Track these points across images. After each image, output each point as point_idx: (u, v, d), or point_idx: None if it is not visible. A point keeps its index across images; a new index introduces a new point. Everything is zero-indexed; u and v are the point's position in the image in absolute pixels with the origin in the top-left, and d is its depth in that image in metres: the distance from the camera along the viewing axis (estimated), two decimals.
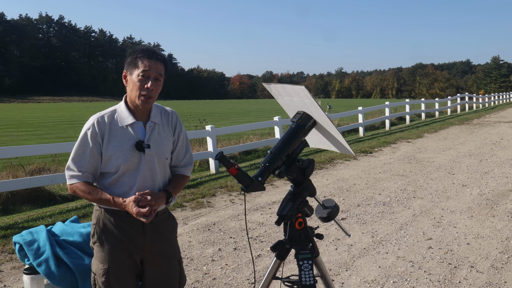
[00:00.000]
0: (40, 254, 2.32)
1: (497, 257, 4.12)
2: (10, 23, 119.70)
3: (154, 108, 2.16)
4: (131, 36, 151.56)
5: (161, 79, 2.07)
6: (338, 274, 3.82)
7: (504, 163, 8.98)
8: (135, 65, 2.04)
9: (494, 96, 39.11)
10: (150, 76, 2.02)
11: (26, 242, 2.37)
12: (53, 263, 2.28)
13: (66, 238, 2.45)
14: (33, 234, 2.43)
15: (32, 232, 2.44)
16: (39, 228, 2.50)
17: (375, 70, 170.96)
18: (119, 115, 2.09)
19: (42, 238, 2.39)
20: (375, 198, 6.43)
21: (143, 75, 2.02)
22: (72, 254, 2.35)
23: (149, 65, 2.01)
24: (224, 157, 1.81)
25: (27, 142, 15.22)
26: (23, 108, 58.33)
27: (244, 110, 42.40)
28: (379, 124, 17.78)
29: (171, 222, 2.23)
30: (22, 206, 6.34)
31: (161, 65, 2.06)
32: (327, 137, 2.05)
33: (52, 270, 2.27)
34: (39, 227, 2.50)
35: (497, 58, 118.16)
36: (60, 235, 2.47)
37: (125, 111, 2.10)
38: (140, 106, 2.07)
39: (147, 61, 2.02)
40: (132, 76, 2.05)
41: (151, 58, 2.03)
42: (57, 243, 2.38)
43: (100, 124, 2.06)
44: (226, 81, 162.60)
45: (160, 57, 2.07)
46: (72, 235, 2.46)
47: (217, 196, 6.73)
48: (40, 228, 2.48)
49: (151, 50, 2.08)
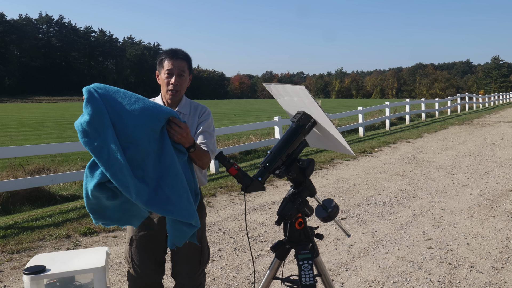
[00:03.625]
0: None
1: (497, 257, 4.12)
2: (10, 23, 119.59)
3: (185, 101, 2.43)
4: (131, 36, 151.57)
5: (184, 74, 2.35)
6: (338, 274, 3.82)
7: (504, 163, 8.98)
8: (161, 65, 2.35)
9: (494, 96, 39.11)
10: (173, 73, 2.32)
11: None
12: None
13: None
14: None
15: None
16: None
17: (375, 70, 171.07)
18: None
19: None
20: (375, 198, 6.43)
21: (168, 73, 2.32)
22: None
23: (172, 64, 2.31)
24: (224, 157, 1.81)
25: (27, 142, 15.21)
26: (23, 108, 58.32)
27: (244, 110, 42.38)
28: (379, 124, 17.78)
29: (198, 205, 2.34)
30: (22, 206, 6.34)
31: (183, 62, 2.34)
32: (327, 137, 2.04)
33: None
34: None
35: (497, 58, 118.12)
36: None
37: (160, 101, 2.42)
38: (169, 99, 2.37)
39: (169, 60, 2.32)
40: (161, 74, 2.37)
41: (173, 58, 2.32)
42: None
43: None
44: (226, 81, 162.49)
45: (182, 55, 2.35)
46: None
47: (217, 196, 6.73)
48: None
49: (174, 50, 2.36)
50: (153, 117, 2.00)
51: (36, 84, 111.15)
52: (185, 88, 2.39)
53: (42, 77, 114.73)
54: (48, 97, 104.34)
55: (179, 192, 2.02)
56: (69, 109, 50.04)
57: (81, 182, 7.50)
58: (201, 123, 2.40)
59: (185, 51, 2.40)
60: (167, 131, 2.04)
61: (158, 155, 2.02)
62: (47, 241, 4.77)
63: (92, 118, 1.94)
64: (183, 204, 2.03)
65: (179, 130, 2.04)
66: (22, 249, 4.52)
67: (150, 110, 2.01)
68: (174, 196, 2.01)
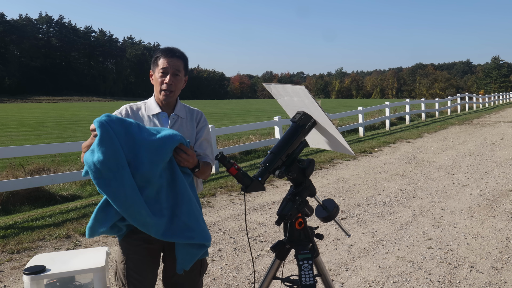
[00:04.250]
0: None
1: (497, 257, 4.12)
2: (10, 23, 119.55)
3: (180, 105, 2.32)
4: (131, 36, 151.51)
5: (180, 74, 2.22)
6: (338, 274, 3.82)
7: (504, 163, 8.98)
8: (156, 64, 2.23)
9: (494, 96, 39.10)
10: (168, 72, 2.19)
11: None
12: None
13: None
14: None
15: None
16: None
17: (375, 70, 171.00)
18: (148, 106, 2.28)
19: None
20: (375, 198, 6.43)
21: (163, 72, 2.20)
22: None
23: (167, 62, 2.19)
24: (224, 157, 1.81)
25: (27, 142, 15.21)
26: (23, 108, 58.31)
27: (244, 110, 42.38)
28: (379, 124, 17.78)
29: None
30: (22, 206, 6.34)
31: (179, 61, 2.22)
32: (327, 137, 2.04)
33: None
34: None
35: (497, 58, 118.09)
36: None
37: (153, 103, 2.28)
38: (163, 100, 2.23)
39: (165, 59, 2.20)
40: (155, 73, 2.24)
41: (169, 56, 2.20)
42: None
43: (129, 111, 2.26)
44: (226, 81, 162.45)
45: (178, 54, 2.23)
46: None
47: (217, 196, 6.73)
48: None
49: (169, 49, 2.24)
50: (167, 150, 1.93)
51: (36, 84, 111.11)
52: (180, 89, 2.27)
53: (42, 77, 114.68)
54: (48, 97, 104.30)
55: (196, 217, 2.00)
56: (69, 109, 50.04)
57: (81, 182, 7.50)
58: (201, 130, 2.31)
59: (182, 51, 2.28)
60: (173, 156, 1.99)
61: (170, 184, 1.97)
62: (47, 241, 4.77)
63: (107, 158, 1.81)
64: (201, 227, 2.01)
65: (186, 157, 2.00)
66: (22, 249, 4.52)
67: (165, 142, 1.92)
68: (192, 222, 1.98)
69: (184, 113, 2.30)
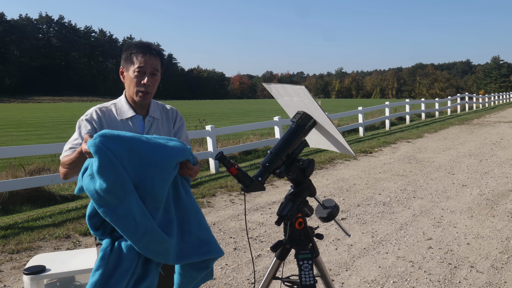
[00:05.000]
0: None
1: (497, 257, 4.12)
2: (10, 23, 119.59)
3: (154, 104, 2.15)
4: (131, 36, 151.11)
5: (157, 74, 2.04)
6: (338, 274, 3.82)
7: (504, 163, 8.98)
8: (130, 61, 2.01)
9: (494, 96, 39.09)
10: (146, 72, 2.00)
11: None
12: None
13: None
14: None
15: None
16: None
17: (375, 70, 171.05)
18: (119, 109, 2.08)
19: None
20: (375, 198, 6.43)
21: (139, 71, 1.99)
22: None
23: (144, 61, 1.98)
24: (224, 157, 1.81)
25: (27, 142, 15.21)
26: (23, 108, 58.31)
27: (244, 110, 42.38)
28: (379, 124, 17.78)
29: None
30: (22, 206, 6.34)
31: (156, 59, 2.02)
32: (327, 137, 2.04)
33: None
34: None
35: (497, 58, 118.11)
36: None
37: (125, 105, 2.08)
38: (138, 102, 2.05)
39: (141, 56, 1.98)
40: (128, 72, 2.02)
41: (146, 53, 1.99)
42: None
43: (99, 114, 2.03)
44: (226, 81, 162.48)
45: (155, 51, 2.02)
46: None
47: (217, 196, 6.73)
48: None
49: (145, 44, 2.03)
50: (177, 165, 1.69)
51: (36, 84, 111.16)
52: (155, 89, 2.09)
53: (42, 77, 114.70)
54: (48, 97, 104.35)
55: (207, 228, 1.77)
56: (69, 109, 50.03)
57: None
58: (179, 131, 2.16)
59: (158, 46, 2.06)
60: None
61: (174, 198, 1.73)
62: (47, 241, 4.77)
63: (111, 185, 1.53)
64: (214, 239, 1.79)
65: (190, 172, 1.77)
66: (22, 249, 4.52)
67: (175, 157, 1.67)
68: (204, 234, 1.75)
69: (159, 113, 2.13)
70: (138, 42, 2.06)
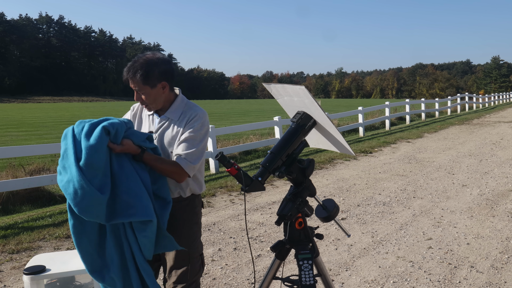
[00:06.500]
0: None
1: (497, 257, 4.12)
2: (10, 23, 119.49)
3: (178, 106, 2.26)
4: (131, 36, 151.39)
5: (142, 91, 2.17)
6: (338, 274, 3.82)
7: (504, 163, 8.98)
8: None
9: (494, 96, 39.10)
10: (134, 90, 2.21)
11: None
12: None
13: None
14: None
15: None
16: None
17: (375, 70, 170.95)
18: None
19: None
20: (375, 198, 6.43)
21: (132, 89, 2.22)
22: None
23: (129, 82, 2.19)
24: (224, 157, 1.81)
25: (27, 142, 15.21)
26: (23, 108, 58.30)
27: (244, 110, 42.38)
28: (379, 124, 17.78)
29: (187, 213, 2.32)
30: (22, 206, 6.34)
31: (133, 81, 2.15)
32: (327, 137, 2.04)
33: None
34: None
35: (497, 58, 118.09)
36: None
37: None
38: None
39: (125, 79, 2.19)
40: None
41: (126, 77, 2.18)
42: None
43: (135, 107, 2.42)
44: (226, 81, 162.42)
45: (131, 74, 2.14)
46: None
47: (217, 196, 6.73)
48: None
49: (126, 68, 2.17)
50: (106, 141, 2.03)
51: (36, 84, 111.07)
52: (158, 98, 2.19)
53: (42, 77, 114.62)
54: (48, 97, 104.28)
55: (136, 194, 2.01)
56: (69, 109, 50.02)
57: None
58: (184, 132, 2.18)
59: (140, 61, 2.14)
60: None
61: (115, 169, 2.04)
62: (47, 241, 4.77)
63: (61, 158, 2.01)
64: (144, 204, 2.01)
65: (113, 147, 2.01)
66: (22, 249, 4.52)
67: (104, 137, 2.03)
68: (131, 198, 2.00)
69: (177, 115, 2.23)
70: (128, 64, 2.20)
